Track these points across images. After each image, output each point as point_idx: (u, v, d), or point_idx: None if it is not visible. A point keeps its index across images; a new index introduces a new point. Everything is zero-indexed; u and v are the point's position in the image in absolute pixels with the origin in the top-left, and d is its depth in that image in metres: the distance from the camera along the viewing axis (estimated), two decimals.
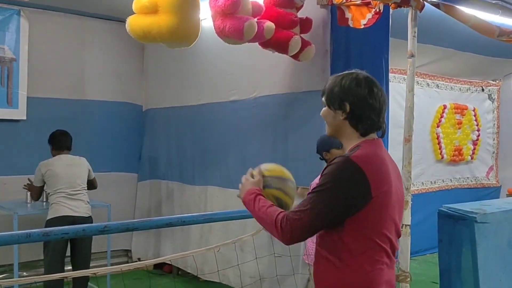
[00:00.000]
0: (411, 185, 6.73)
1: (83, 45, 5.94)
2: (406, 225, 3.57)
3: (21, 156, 5.48)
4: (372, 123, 1.95)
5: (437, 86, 7.03)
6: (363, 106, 1.93)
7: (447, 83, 7.15)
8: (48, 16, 5.60)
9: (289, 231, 1.85)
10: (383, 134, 2.04)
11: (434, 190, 7.08)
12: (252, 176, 2.15)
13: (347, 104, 1.94)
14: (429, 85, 6.93)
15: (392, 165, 1.99)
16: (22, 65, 5.46)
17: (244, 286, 4.68)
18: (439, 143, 7.05)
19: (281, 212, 1.91)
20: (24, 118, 5.53)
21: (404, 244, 3.58)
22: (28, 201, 5.18)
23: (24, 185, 4.97)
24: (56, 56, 5.75)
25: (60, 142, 4.80)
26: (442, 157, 7.10)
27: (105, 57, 6.09)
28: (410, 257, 6.51)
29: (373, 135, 1.98)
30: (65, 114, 5.77)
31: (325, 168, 1.90)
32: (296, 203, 2.11)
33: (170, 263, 5.94)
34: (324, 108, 2.03)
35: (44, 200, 5.14)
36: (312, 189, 1.88)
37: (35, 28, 5.51)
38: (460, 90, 7.35)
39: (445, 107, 7.10)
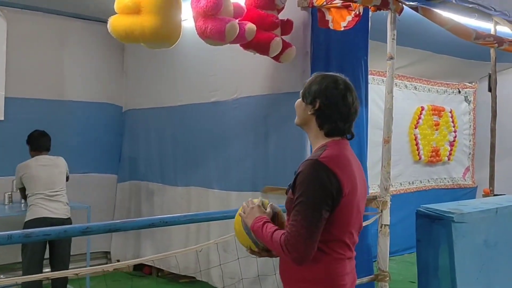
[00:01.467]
0: (390, 186, 6.87)
1: (62, 45, 5.89)
2: (385, 225, 3.62)
3: None
4: (337, 127, 2.03)
5: (415, 88, 7.14)
6: (332, 109, 2.02)
7: (424, 85, 7.26)
8: (27, 15, 5.54)
9: (294, 250, 1.89)
10: (352, 137, 2.11)
11: (412, 190, 7.18)
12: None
13: (318, 102, 2.03)
14: (407, 87, 7.03)
15: (357, 164, 2.09)
16: None
17: (226, 286, 4.71)
18: (417, 144, 7.15)
19: (282, 234, 1.94)
20: (2, 118, 5.46)
21: (383, 244, 3.64)
22: (6, 203, 5.12)
23: None
24: (35, 56, 5.68)
25: (38, 143, 4.76)
26: (420, 158, 7.21)
27: (85, 57, 6.04)
28: (396, 255, 6.67)
29: (339, 137, 2.06)
30: (44, 115, 5.71)
31: (297, 174, 1.95)
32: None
33: (150, 264, 5.92)
34: (298, 100, 2.13)
35: (22, 201, 5.09)
36: (295, 199, 1.92)
37: (14, 28, 5.44)
38: (437, 92, 7.47)
39: (422, 108, 7.21)
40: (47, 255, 4.70)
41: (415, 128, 7.15)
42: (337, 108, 2.01)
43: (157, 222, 2.56)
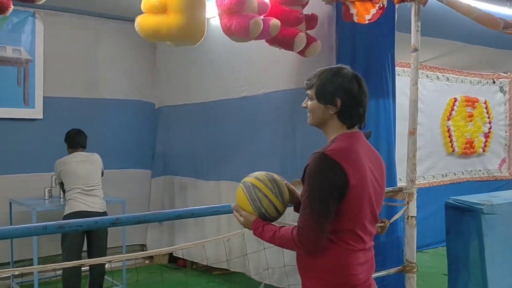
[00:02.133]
0: (422, 178, 6.83)
1: (96, 45, 6.06)
2: (411, 216, 3.62)
3: (38, 154, 5.62)
4: (359, 117, 2.09)
5: (447, 79, 7.05)
6: (353, 101, 2.06)
7: (457, 76, 7.16)
8: (62, 17, 5.73)
9: (306, 242, 1.95)
10: (364, 126, 2.15)
11: (446, 183, 7.11)
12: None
13: (338, 100, 2.05)
14: (439, 78, 6.95)
15: (371, 156, 2.11)
16: (38, 65, 5.59)
17: (260, 277, 4.79)
18: (450, 136, 7.06)
19: (292, 229, 1.99)
20: (41, 117, 5.67)
21: (410, 235, 3.64)
22: (46, 198, 5.34)
23: None
24: (70, 56, 5.87)
25: (75, 141, 4.95)
26: (453, 150, 7.12)
27: (118, 56, 6.20)
28: (422, 249, 6.63)
29: (354, 128, 2.10)
30: (80, 113, 5.90)
31: (305, 168, 2.00)
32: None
33: (183, 257, 6.07)
34: (312, 102, 2.11)
35: (61, 196, 5.30)
36: (303, 193, 1.98)
37: (50, 29, 5.64)
38: (471, 82, 7.36)
39: (455, 100, 7.12)
40: (85, 248, 4.90)
41: (448, 120, 7.07)
42: (357, 100, 2.06)
43: (184, 213, 2.65)
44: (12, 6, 2.90)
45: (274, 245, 2.08)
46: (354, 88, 2.06)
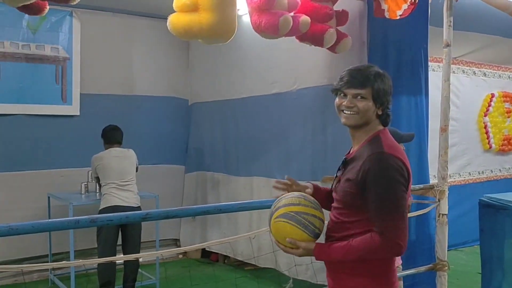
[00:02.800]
0: (458, 175, 6.72)
1: (131, 42, 6.17)
2: (443, 214, 3.58)
3: (75, 150, 5.76)
4: (390, 115, 2.16)
5: (484, 74, 6.90)
6: (389, 101, 2.13)
7: (494, 71, 7.00)
8: (98, 16, 5.84)
9: (398, 243, 1.94)
10: (386, 124, 2.17)
11: (482, 180, 6.97)
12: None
13: (388, 102, 2.11)
14: (475, 73, 6.80)
15: None
16: (75, 63, 5.72)
17: (294, 273, 4.81)
18: (486, 132, 6.92)
19: (370, 236, 1.97)
20: (78, 113, 5.80)
21: (441, 233, 3.59)
22: (83, 192, 5.48)
23: None
24: (106, 54, 5.99)
25: (111, 137, 5.07)
26: (490, 147, 6.97)
27: (152, 53, 6.29)
28: (458, 248, 6.53)
29: (381, 126, 2.14)
30: (116, 109, 6.02)
31: (366, 171, 1.98)
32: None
33: (216, 251, 6.15)
34: (366, 102, 2.07)
35: (97, 191, 5.44)
36: (375, 196, 1.96)
37: (87, 28, 5.76)
38: (509, 78, 7.18)
39: (493, 95, 6.96)
40: (120, 242, 5.01)
41: (485, 116, 6.92)
42: (390, 99, 2.13)
43: (211, 209, 2.70)
44: (48, 7, 2.99)
45: (350, 260, 2.02)
46: (391, 90, 2.13)
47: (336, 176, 2.19)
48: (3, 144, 5.43)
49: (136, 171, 5.12)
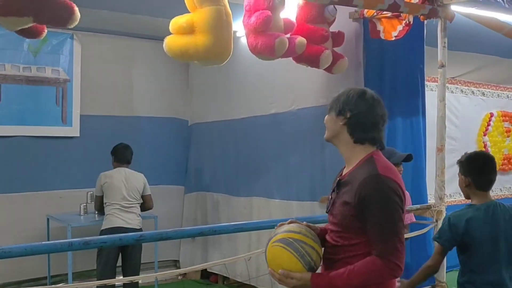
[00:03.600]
0: (458, 195, 6.68)
1: (131, 64, 6.22)
2: None
3: (75, 171, 5.78)
4: (367, 133, 2.11)
5: (483, 93, 6.92)
6: (362, 117, 2.10)
7: (493, 91, 7.02)
8: (98, 38, 5.90)
9: (398, 265, 1.97)
10: (382, 148, 2.18)
11: None
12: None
13: (348, 111, 2.11)
14: (474, 93, 6.82)
15: None
16: (75, 85, 5.77)
17: None
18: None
19: (370, 260, 1.98)
20: (78, 135, 5.83)
21: None
22: (82, 214, 5.48)
23: None
24: (106, 76, 6.03)
25: (122, 155, 5.12)
26: None
27: (152, 75, 6.33)
28: (459, 268, 6.44)
29: (371, 147, 2.13)
30: (116, 130, 6.03)
31: (360, 193, 1.99)
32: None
33: (217, 272, 6.11)
34: (327, 115, 2.20)
35: (96, 212, 5.44)
36: (371, 218, 1.97)
37: (87, 50, 5.82)
38: (508, 97, 7.19)
39: (492, 115, 6.97)
40: (120, 263, 5.00)
41: (484, 135, 6.91)
42: (366, 116, 2.10)
43: (206, 230, 2.70)
44: (46, 31, 3.03)
45: (353, 285, 2.00)
46: (364, 105, 2.11)
47: (331, 197, 2.19)
48: (3, 165, 5.44)
49: (149, 198, 5.22)
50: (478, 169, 2.91)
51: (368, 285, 1.99)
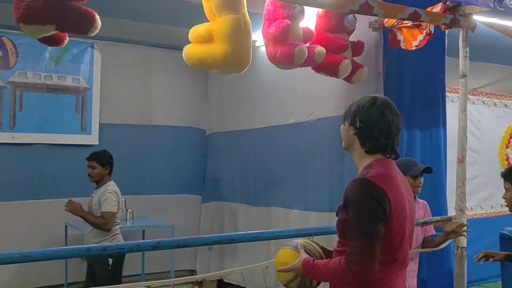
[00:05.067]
0: (480, 208, 6.58)
1: (150, 73, 6.28)
2: (461, 247, 3.49)
3: None
4: (378, 143, 2.07)
5: (505, 105, 6.80)
6: (372, 125, 2.06)
7: None
8: (118, 47, 5.98)
9: (360, 269, 1.90)
10: (397, 156, 2.14)
11: (505, 213, 6.78)
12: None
13: (358, 121, 2.08)
14: (496, 104, 6.71)
15: (404, 183, 2.16)
16: (95, 94, 5.85)
17: None
18: (508, 164, 6.77)
19: (339, 259, 1.96)
20: (97, 143, 5.87)
21: (460, 267, 3.50)
22: None
23: (66, 206, 4.57)
24: (125, 85, 6.10)
25: (113, 167, 4.70)
26: None
27: (171, 84, 6.38)
28: (480, 283, 6.34)
29: (382, 155, 2.10)
30: (134, 139, 6.11)
31: (346, 195, 2.00)
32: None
33: (232, 282, 6.07)
34: (342, 125, 2.21)
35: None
36: (350, 220, 1.95)
37: (107, 59, 5.90)
38: None
39: None
40: None
41: (507, 147, 6.79)
42: (377, 124, 2.05)
43: (224, 239, 2.67)
44: (67, 39, 3.05)
45: (324, 279, 2.05)
46: (374, 113, 2.07)
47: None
48: (24, 172, 5.51)
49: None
50: None
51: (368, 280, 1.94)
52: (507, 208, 6.86)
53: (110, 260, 4.40)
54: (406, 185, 2.14)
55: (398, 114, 2.11)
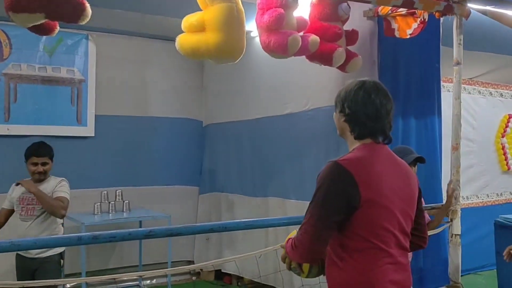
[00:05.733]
0: (476, 197, 6.61)
1: (145, 64, 6.24)
2: (455, 234, 3.50)
3: (89, 171, 5.82)
4: (366, 128, 2.03)
5: (501, 95, 6.82)
6: (358, 110, 2.03)
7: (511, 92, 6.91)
8: (113, 39, 5.94)
9: (300, 247, 1.97)
10: (389, 141, 2.09)
11: (501, 202, 6.83)
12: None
13: (346, 107, 2.05)
14: (492, 94, 6.72)
15: (395, 168, 2.07)
16: (90, 85, 5.81)
17: None
18: (504, 153, 6.80)
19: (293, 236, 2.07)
20: (92, 135, 5.85)
21: (454, 254, 3.51)
22: (95, 213, 5.51)
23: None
24: (121, 76, 6.06)
25: None
26: (509, 168, 6.85)
27: (166, 75, 6.34)
28: (477, 271, 6.37)
29: (371, 140, 2.05)
30: (130, 131, 6.08)
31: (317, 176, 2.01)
32: None
33: (230, 272, 6.09)
34: (334, 112, 2.17)
35: (110, 211, 5.48)
36: (311, 199, 1.97)
37: (102, 51, 5.86)
38: None
39: (510, 116, 6.86)
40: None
41: (502, 137, 6.81)
42: (364, 108, 2.01)
43: (216, 227, 2.67)
44: (58, 27, 3.03)
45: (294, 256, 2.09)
46: (361, 96, 2.03)
47: None
48: (19, 164, 5.47)
49: None
50: None
51: (352, 257, 1.96)
52: (503, 197, 6.95)
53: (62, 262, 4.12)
54: (399, 170, 2.08)
55: (388, 96, 2.06)
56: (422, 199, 2.26)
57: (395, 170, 2.06)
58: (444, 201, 4.11)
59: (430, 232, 3.64)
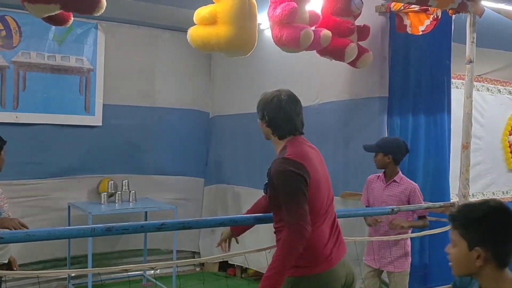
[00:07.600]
0: (482, 195, 6.59)
1: (154, 55, 6.22)
2: None
3: (96, 159, 5.83)
4: (284, 129, 2.55)
5: (510, 92, 6.77)
6: (275, 117, 2.55)
7: None
8: (122, 28, 5.92)
9: (299, 223, 2.29)
10: (301, 133, 2.64)
11: (507, 200, 6.79)
12: None
13: (266, 115, 2.58)
14: (500, 91, 6.68)
15: (315, 153, 2.60)
16: (98, 75, 5.80)
17: None
18: (511, 151, 6.77)
19: (283, 237, 2.33)
20: (100, 124, 5.85)
21: None
22: (103, 202, 5.53)
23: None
24: (129, 66, 6.05)
25: None
26: None
27: (175, 66, 6.32)
28: None
29: (291, 135, 2.55)
30: (137, 120, 6.09)
31: (271, 176, 2.42)
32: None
33: (235, 264, 6.11)
34: (258, 119, 2.67)
35: (117, 201, 5.50)
36: (281, 195, 2.34)
37: (111, 40, 5.84)
38: None
39: None
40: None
41: (510, 134, 6.77)
42: (280, 113, 2.52)
43: (227, 221, 2.69)
44: (72, 18, 3.04)
45: (284, 267, 2.30)
46: (273, 105, 2.57)
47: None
48: (28, 152, 5.50)
49: None
50: None
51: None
52: (509, 195, 6.93)
53: None
54: (316, 155, 2.58)
55: (296, 101, 2.62)
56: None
57: (316, 155, 2.60)
58: (451, 199, 4.13)
59: (437, 230, 3.66)
